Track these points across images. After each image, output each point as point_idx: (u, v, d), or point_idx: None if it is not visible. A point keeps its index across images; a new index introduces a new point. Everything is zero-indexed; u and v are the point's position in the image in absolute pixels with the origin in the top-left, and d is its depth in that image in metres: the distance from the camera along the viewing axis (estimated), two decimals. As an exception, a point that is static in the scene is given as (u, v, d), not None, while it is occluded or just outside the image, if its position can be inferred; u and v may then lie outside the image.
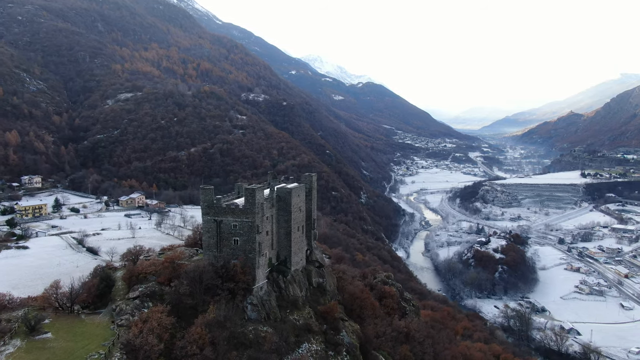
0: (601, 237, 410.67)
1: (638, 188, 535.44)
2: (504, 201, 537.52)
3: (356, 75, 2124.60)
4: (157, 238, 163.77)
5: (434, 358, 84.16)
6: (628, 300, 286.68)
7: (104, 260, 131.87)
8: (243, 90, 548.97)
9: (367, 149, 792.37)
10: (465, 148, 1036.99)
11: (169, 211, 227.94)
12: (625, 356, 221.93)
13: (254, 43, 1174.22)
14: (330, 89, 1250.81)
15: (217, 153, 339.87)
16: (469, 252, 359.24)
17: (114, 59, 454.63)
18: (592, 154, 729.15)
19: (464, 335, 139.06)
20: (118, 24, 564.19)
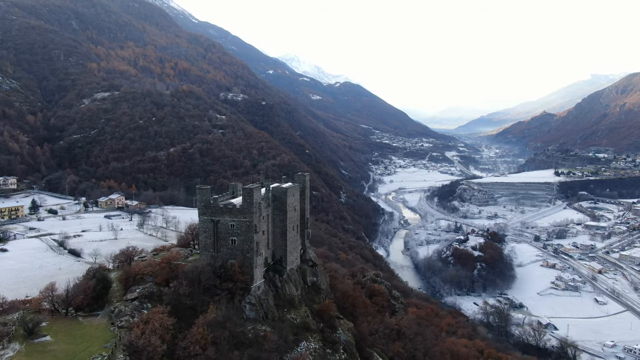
0: (575, 234, 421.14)
1: (609, 186, 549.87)
2: (480, 200, 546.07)
3: (333, 75, 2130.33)
4: (140, 239, 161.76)
5: (424, 354, 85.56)
6: (602, 295, 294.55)
7: (89, 262, 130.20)
8: (221, 90, 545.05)
9: (345, 149, 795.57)
10: (442, 147, 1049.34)
11: (150, 212, 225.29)
12: (600, 349, 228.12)
13: (230, 42, 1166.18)
14: (308, 89, 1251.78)
15: (197, 153, 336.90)
16: (448, 250, 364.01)
17: (90, 58, 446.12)
18: (564, 153, 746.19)
19: (448, 332, 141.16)
20: (93, 22, 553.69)
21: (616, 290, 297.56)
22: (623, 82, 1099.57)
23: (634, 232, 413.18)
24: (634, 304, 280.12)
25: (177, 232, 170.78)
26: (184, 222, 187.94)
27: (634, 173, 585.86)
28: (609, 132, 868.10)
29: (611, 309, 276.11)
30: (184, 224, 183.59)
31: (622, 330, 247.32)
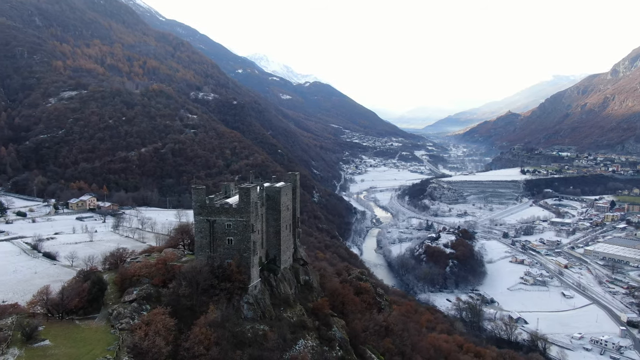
0: (541, 231, 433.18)
1: (572, 183, 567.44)
2: (450, 198, 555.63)
3: (303, 75, 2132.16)
4: (116, 241, 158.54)
5: (412, 349, 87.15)
6: (568, 289, 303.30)
7: (65, 265, 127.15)
8: (192, 89, 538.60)
9: (316, 148, 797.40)
10: (411, 147, 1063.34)
11: (123, 213, 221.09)
12: (569, 342, 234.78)
13: (199, 41, 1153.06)
14: (278, 88, 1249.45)
15: (169, 153, 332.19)
16: (421, 248, 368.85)
17: (55, 55, 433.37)
18: (530, 152, 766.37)
19: (428, 328, 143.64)
20: (57, 19, 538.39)
21: (582, 284, 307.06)
22: (584, 83, 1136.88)
23: (596, 228, 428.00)
24: (598, 297, 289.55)
25: (154, 233, 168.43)
26: (160, 223, 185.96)
27: (595, 171, 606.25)
28: (571, 131, 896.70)
29: (578, 303, 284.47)
30: (161, 225, 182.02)
31: (589, 323, 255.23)
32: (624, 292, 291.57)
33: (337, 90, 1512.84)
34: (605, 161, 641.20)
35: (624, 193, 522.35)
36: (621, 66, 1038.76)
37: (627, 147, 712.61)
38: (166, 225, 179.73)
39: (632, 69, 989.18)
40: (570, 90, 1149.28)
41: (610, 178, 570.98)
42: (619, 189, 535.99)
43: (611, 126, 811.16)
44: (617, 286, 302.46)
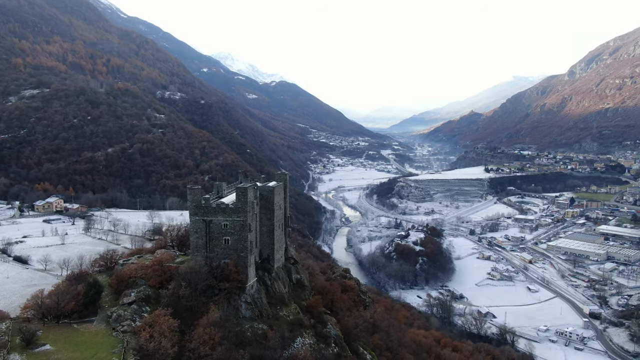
0: (506, 227, 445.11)
1: (534, 181, 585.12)
2: (418, 196, 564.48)
3: (268, 74, 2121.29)
4: (89, 244, 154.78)
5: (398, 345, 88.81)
6: (533, 283, 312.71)
7: (38, 269, 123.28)
8: (158, 88, 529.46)
9: (284, 148, 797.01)
10: (378, 146, 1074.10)
11: (92, 215, 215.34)
12: (535, 334, 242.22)
13: (162, 39, 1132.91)
14: (244, 88, 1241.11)
15: (137, 153, 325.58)
16: (391, 246, 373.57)
17: (14, 52, 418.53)
18: (493, 151, 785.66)
19: (406, 324, 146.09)
20: (15, 14, 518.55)
21: (546, 279, 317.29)
22: (543, 84, 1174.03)
23: (558, 224, 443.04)
24: (562, 290, 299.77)
25: (128, 235, 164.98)
26: (133, 225, 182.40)
27: (555, 169, 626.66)
28: (532, 130, 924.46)
29: (542, 296, 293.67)
30: (134, 227, 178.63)
31: (554, 316, 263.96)
32: (585, 285, 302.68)
33: (303, 89, 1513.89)
34: (564, 159, 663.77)
35: (582, 190, 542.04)
36: (577, 68, 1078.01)
37: (584, 146, 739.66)
38: (140, 227, 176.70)
39: (587, 71, 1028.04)
40: (530, 90, 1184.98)
41: (569, 176, 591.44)
42: (578, 186, 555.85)
43: (569, 125, 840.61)
44: (579, 279, 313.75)
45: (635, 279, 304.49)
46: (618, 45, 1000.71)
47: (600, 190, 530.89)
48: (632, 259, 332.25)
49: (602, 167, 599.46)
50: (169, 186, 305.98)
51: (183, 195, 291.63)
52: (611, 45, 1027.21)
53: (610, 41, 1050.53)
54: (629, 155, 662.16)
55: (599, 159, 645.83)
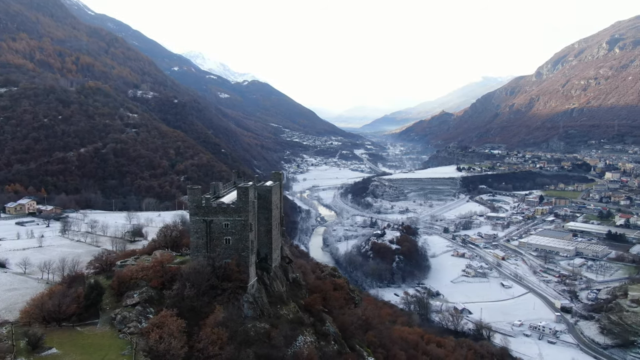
0: (479, 225, 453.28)
1: (504, 180, 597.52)
2: (392, 195, 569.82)
3: (240, 73, 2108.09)
4: (68, 246, 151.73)
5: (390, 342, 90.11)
6: (507, 279, 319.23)
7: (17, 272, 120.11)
8: (129, 87, 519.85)
9: (257, 148, 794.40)
10: (351, 145, 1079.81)
11: (67, 217, 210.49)
12: (510, 329, 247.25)
13: (132, 37, 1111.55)
14: (216, 87, 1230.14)
15: (111, 153, 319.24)
16: (367, 245, 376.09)
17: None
18: (464, 150, 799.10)
19: (390, 321, 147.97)
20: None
21: (518, 275, 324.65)
22: (511, 85, 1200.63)
23: (528, 221, 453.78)
24: (534, 286, 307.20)
25: (108, 237, 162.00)
26: (112, 226, 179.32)
27: (524, 168, 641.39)
28: (501, 130, 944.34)
29: (516, 292, 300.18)
30: (114, 229, 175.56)
31: (527, 310, 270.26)
32: (556, 281, 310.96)
33: (276, 89, 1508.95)
34: (533, 158, 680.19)
35: (550, 188, 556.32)
36: (544, 69, 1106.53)
37: (552, 145, 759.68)
38: (119, 228, 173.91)
39: (554, 72, 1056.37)
40: (499, 91, 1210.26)
41: (538, 174, 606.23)
42: (546, 184, 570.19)
43: (537, 125, 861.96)
44: (550, 275, 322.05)
45: (603, 274, 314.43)
46: (583, 48, 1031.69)
47: (568, 188, 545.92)
48: (599, 255, 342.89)
49: (569, 165, 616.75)
50: (144, 187, 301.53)
51: (159, 195, 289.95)
52: (576, 47, 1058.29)
53: (575, 43, 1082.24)
54: (594, 154, 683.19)
55: (566, 157, 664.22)
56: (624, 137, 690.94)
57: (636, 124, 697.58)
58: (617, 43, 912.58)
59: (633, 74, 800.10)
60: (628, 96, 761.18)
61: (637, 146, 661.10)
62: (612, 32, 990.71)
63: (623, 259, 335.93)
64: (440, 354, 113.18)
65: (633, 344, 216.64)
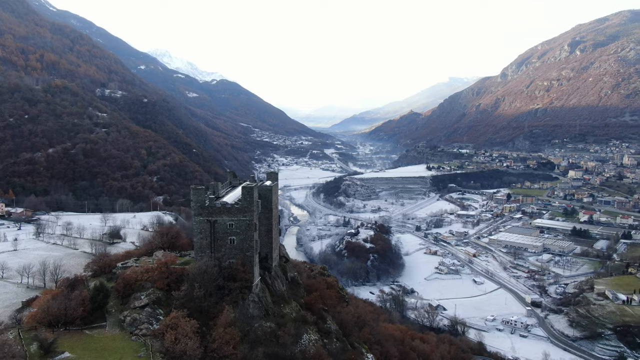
0: (450, 223, 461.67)
1: (473, 178, 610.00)
2: (364, 194, 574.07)
3: (208, 72, 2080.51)
4: (44, 249, 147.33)
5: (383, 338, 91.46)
6: (479, 276, 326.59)
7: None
8: (96, 86, 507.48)
9: (227, 147, 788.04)
10: (321, 145, 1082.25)
11: (39, 219, 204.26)
12: (483, 324, 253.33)
13: (96, 34, 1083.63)
14: (184, 86, 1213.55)
15: (80, 154, 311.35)
16: (341, 244, 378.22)
17: None
18: (433, 149, 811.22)
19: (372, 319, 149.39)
20: None
21: (489, 271, 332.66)
22: (477, 85, 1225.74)
23: (497, 219, 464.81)
24: (504, 281, 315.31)
25: (86, 239, 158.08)
26: (89, 228, 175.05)
27: (492, 166, 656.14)
28: (468, 129, 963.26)
29: (488, 288, 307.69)
30: (90, 231, 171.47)
31: (499, 306, 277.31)
32: (526, 276, 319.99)
33: (245, 88, 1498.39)
34: (499, 157, 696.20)
35: (517, 186, 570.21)
36: (509, 70, 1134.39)
37: (517, 144, 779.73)
38: (97, 230, 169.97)
39: (518, 73, 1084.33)
40: (466, 91, 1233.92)
41: (505, 173, 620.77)
42: (513, 183, 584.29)
43: (503, 125, 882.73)
44: (520, 271, 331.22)
45: (570, 269, 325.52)
46: (545, 49, 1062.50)
47: (534, 186, 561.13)
48: (566, 250, 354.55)
49: (534, 164, 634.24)
50: (116, 188, 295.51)
51: (132, 197, 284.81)
52: (539, 49, 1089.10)
53: (538, 45, 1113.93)
54: (558, 153, 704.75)
55: (531, 156, 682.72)
56: (585, 137, 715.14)
57: (597, 123, 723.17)
58: (578, 45, 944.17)
59: (593, 76, 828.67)
60: (589, 97, 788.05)
61: (597, 145, 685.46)
62: (573, 35, 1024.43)
63: (588, 254, 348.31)
64: (426, 350, 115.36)
65: (600, 335, 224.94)
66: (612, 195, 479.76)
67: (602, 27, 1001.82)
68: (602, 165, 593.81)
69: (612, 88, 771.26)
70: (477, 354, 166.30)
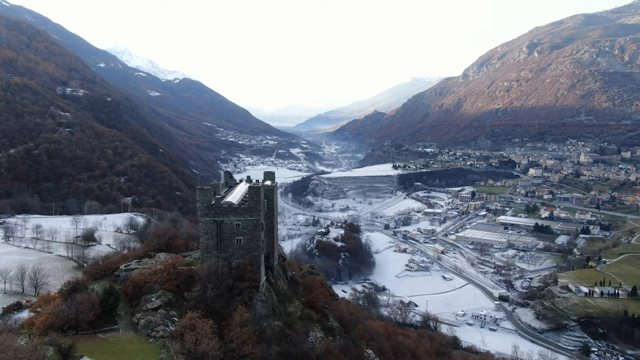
0: (417, 221, 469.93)
1: (438, 177, 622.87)
2: (332, 194, 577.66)
3: (169, 71, 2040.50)
4: (17, 253, 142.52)
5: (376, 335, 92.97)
6: (448, 272, 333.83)
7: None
8: (57, 84, 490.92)
9: (192, 147, 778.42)
10: (287, 145, 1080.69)
11: (5, 222, 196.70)
12: (454, 319, 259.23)
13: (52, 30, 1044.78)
14: (145, 85, 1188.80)
15: (44, 154, 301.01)
16: (312, 243, 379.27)
17: None
18: (398, 148, 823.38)
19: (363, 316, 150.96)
20: None
21: (458, 267, 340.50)
22: (440, 85, 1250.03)
23: (463, 216, 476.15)
24: (472, 277, 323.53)
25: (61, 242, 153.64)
26: (62, 231, 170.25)
27: (456, 165, 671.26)
28: (432, 129, 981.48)
29: (457, 284, 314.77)
30: (64, 233, 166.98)
31: (468, 301, 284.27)
32: (493, 271, 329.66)
33: (208, 87, 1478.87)
34: (463, 156, 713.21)
35: (480, 184, 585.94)
36: (470, 71, 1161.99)
37: (479, 143, 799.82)
38: (71, 233, 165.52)
39: (479, 74, 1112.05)
40: (429, 91, 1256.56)
41: (468, 171, 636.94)
42: (477, 181, 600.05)
43: (465, 124, 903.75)
44: (487, 266, 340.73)
45: (534, 264, 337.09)
46: (505, 51, 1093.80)
47: (497, 184, 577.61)
48: (529, 246, 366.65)
49: (496, 162, 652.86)
50: (82, 189, 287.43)
51: (100, 198, 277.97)
52: (499, 51, 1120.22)
53: (498, 47, 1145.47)
54: (518, 151, 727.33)
55: (493, 155, 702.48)
56: (544, 136, 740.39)
57: (554, 123, 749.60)
58: (536, 47, 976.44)
59: (550, 77, 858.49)
60: (546, 97, 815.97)
61: (555, 144, 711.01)
62: (531, 37, 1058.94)
63: (550, 249, 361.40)
64: (411, 345, 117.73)
65: (565, 327, 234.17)
66: (570, 192, 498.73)
67: (558, 30, 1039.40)
68: (560, 163, 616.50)
69: (568, 89, 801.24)
70: (454, 349, 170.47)
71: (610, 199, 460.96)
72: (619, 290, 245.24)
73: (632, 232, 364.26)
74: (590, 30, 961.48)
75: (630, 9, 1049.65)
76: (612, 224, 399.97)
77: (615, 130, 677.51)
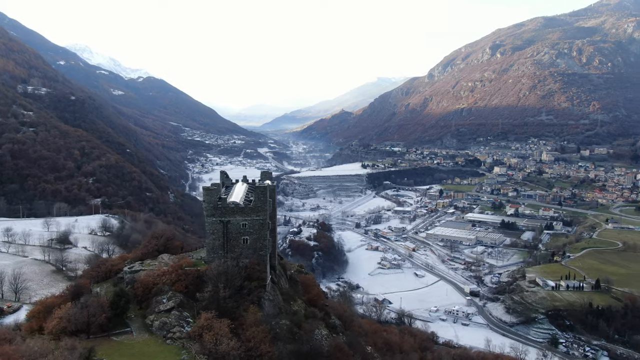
0: (388, 219, 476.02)
1: (406, 175, 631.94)
2: (302, 193, 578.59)
3: (132, 69, 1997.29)
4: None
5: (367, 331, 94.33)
6: (419, 269, 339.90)
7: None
8: (17, 82, 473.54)
9: (159, 147, 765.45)
10: (254, 144, 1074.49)
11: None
12: (428, 315, 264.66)
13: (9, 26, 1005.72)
14: (108, 83, 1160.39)
15: (7, 155, 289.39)
16: (285, 243, 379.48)
17: None
18: (366, 148, 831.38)
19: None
20: None
21: (429, 264, 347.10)
22: (406, 85, 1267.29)
23: (432, 214, 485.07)
24: (444, 273, 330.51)
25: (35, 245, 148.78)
26: (35, 234, 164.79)
27: (423, 164, 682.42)
28: (399, 128, 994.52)
29: (429, 280, 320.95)
30: (38, 236, 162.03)
31: (440, 297, 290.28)
32: (463, 268, 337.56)
33: (173, 86, 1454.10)
34: (430, 155, 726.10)
35: (448, 182, 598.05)
36: (436, 71, 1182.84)
37: (445, 142, 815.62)
38: (45, 236, 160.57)
39: (444, 74, 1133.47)
40: (395, 91, 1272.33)
41: (436, 170, 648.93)
42: (444, 179, 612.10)
43: (431, 124, 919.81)
44: (457, 263, 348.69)
45: (502, 259, 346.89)
46: (469, 52, 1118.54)
47: (463, 182, 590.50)
48: (497, 242, 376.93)
49: (462, 161, 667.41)
50: (49, 191, 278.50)
51: (68, 199, 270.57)
52: (463, 52, 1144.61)
53: (462, 47, 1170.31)
54: (483, 150, 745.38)
55: (459, 154, 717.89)
56: (507, 135, 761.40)
57: (517, 122, 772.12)
58: (499, 49, 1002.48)
59: (513, 77, 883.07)
60: (509, 97, 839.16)
61: (518, 143, 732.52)
62: (493, 39, 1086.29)
63: (516, 245, 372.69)
64: (397, 341, 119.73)
65: (534, 320, 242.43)
66: (533, 189, 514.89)
67: (519, 31, 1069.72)
68: (524, 161, 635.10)
69: (530, 89, 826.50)
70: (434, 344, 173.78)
71: (571, 196, 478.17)
72: (583, 283, 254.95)
73: (593, 227, 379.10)
74: (549, 32, 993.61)
75: (587, 12, 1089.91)
76: (574, 219, 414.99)
77: (574, 129, 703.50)
